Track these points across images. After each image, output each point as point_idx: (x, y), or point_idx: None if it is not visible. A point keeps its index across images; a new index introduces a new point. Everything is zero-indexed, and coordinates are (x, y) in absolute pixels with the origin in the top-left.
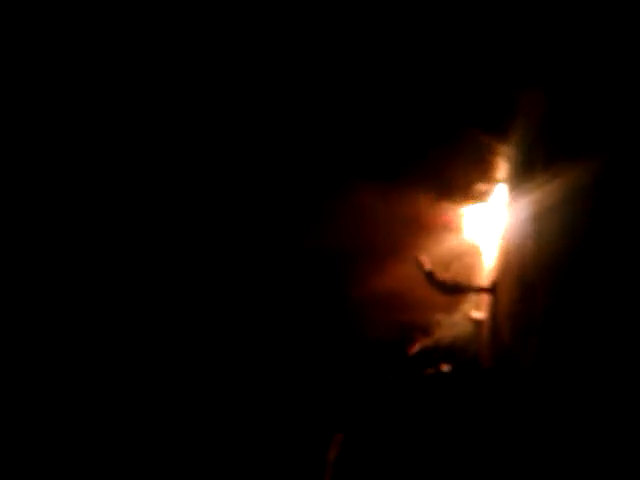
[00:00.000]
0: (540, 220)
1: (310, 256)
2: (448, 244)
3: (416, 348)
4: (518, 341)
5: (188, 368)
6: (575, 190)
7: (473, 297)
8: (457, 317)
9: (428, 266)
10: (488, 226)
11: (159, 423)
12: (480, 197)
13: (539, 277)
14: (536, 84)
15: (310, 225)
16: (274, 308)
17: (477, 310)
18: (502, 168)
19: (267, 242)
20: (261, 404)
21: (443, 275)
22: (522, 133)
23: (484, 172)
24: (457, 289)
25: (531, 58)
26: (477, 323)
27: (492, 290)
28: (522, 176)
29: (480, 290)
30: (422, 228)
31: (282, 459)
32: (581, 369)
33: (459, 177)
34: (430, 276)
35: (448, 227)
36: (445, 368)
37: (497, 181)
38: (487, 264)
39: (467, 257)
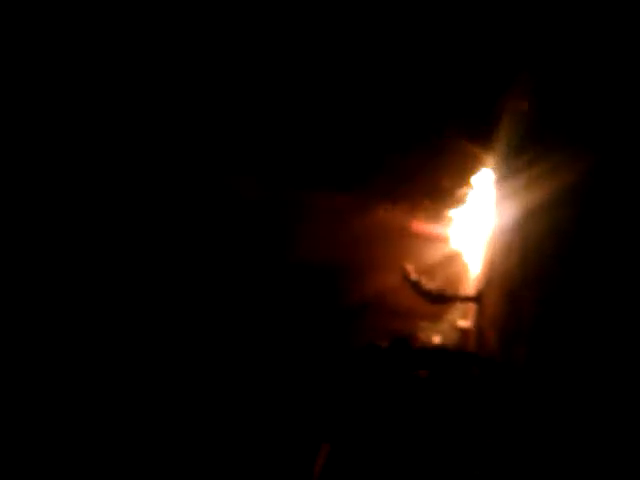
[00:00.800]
0: (524, 228)
1: (303, 270)
2: (434, 253)
3: (402, 356)
4: (505, 351)
5: (182, 377)
6: (559, 197)
7: (459, 306)
8: (443, 326)
9: (413, 275)
10: (473, 235)
11: (158, 423)
12: (465, 206)
13: (525, 286)
14: (520, 90)
15: (303, 241)
16: (269, 316)
17: (463, 319)
18: (487, 176)
19: (265, 257)
20: (253, 407)
21: (429, 284)
22: (506, 141)
23: (469, 181)
24: (443, 298)
25: (515, 65)
26: (463, 332)
27: (478, 299)
28: (506, 184)
29: (466, 299)
30: (408, 238)
31: (272, 463)
32: (572, 378)
33: (444, 186)
34: (416, 285)
35: (434, 236)
36: (423, 374)
37: (482, 189)
38: (473, 273)
39: (453, 266)
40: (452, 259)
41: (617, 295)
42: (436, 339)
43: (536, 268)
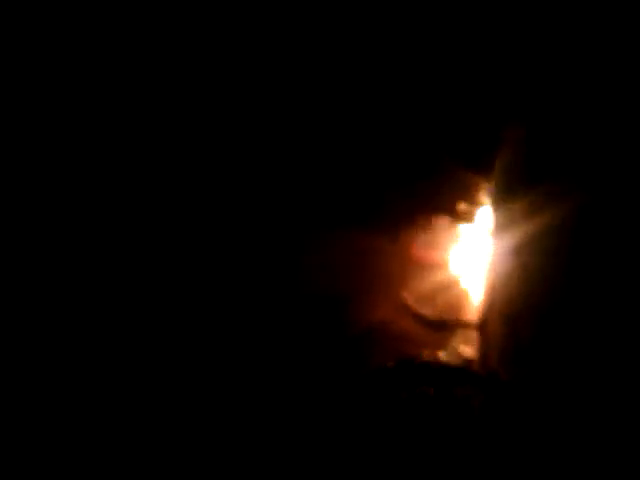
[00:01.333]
0: (522, 255)
1: (300, 299)
2: (434, 280)
3: (408, 375)
4: (505, 370)
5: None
6: (553, 227)
7: (462, 333)
8: (446, 354)
9: (413, 303)
10: (473, 261)
11: (158, 424)
12: (465, 233)
13: (524, 310)
14: (518, 120)
15: (301, 271)
16: (273, 341)
17: (466, 346)
18: (485, 204)
19: (261, 286)
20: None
21: (429, 311)
22: (504, 170)
23: (468, 208)
24: (444, 325)
25: (513, 96)
26: (466, 360)
27: (480, 325)
28: (504, 212)
29: (468, 325)
30: (408, 265)
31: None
32: (566, 394)
33: (443, 213)
34: (415, 313)
35: (434, 263)
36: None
37: (481, 216)
38: (474, 299)
39: (453, 292)
40: (453, 286)
41: (606, 316)
42: (442, 355)
43: (534, 293)
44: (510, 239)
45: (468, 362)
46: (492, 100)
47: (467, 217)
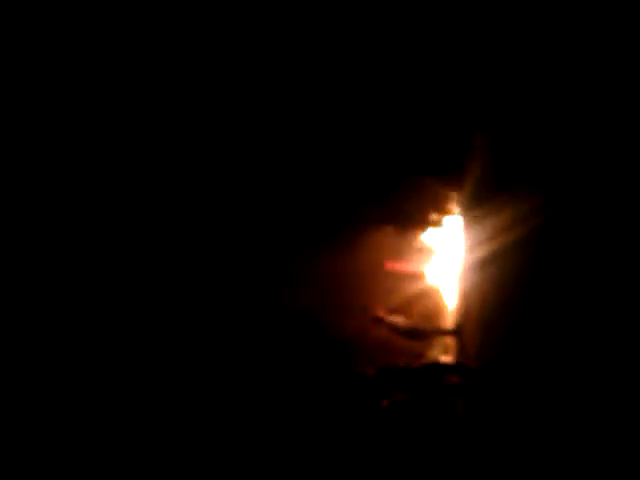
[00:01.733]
0: (494, 264)
1: (282, 312)
2: (409, 290)
3: (387, 402)
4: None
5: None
6: (523, 234)
7: (439, 342)
8: (425, 363)
9: (385, 315)
10: (447, 271)
11: (158, 423)
12: (438, 243)
13: (497, 314)
14: (486, 130)
15: (280, 286)
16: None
17: (444, 355)
18: (457, 213)
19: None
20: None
21: (405, 322)
22: (474, 178)
23: (440, 218)
24: (421, 334)
25: (480, 106)
26: (444, 365)
27: (456, 332)
28: (476, 223)
29: (445, 333)
30: (381, 277)
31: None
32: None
33: (415, 224)
34: (390, 325)
35: (407, 273)
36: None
37: (453, 227)
38: (449, 307)
39: (429, 302)
40: (428, 295)
41: (575, 317)
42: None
43: (506, 299)
44: (480, 248)
45: (446, 368)
46: (460, 111)
47: (438, 227)
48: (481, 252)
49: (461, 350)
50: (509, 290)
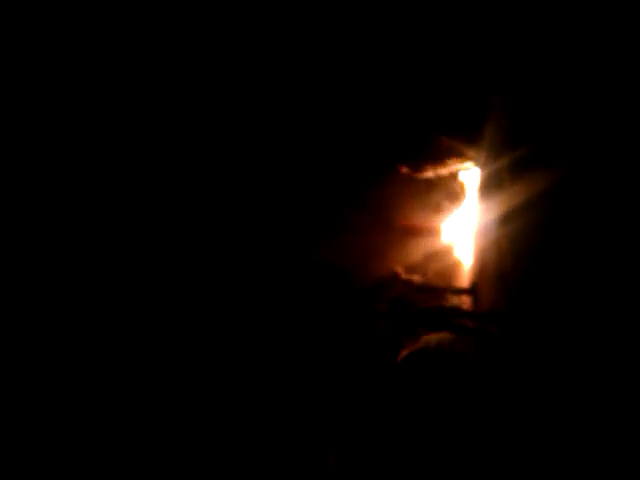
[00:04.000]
0: (510, 222)
1: (301, 267)
2: (425, 247)
3: (404, 353)
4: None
5: (187, 368)
6: (536, 197)
7: (455, 300)
8: (441, 304)
9: (404, 274)
10: (463, 228)
11: (159, 423)
12: (454, 201)
13: (513, 269)
14: (502, 93)
15: (303, 240)
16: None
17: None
18: (474, 174)
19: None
20: (255, 406)
21: (421, 279)
22: (491, 135)
23: (455, 177)
24: (437, 291)
25: (497, 70)
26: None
27: (472, 291)
28: (492, 182)
29: (460, 291)
30: (399, 234)
31: (277, 462)
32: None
33: (432, 184)
34: (408, 282)
35: (424, 231)
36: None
37: (470, 185)
38: (465, 266)
39: (444, 260)
40: (444, 253)
41: (580, 273)
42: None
43: (521, 254)
44: (497, 204)
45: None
46: (478, 70)
47: (455, 183)
48: (497, 209)
49: (476, 306)
50: (525, 246)
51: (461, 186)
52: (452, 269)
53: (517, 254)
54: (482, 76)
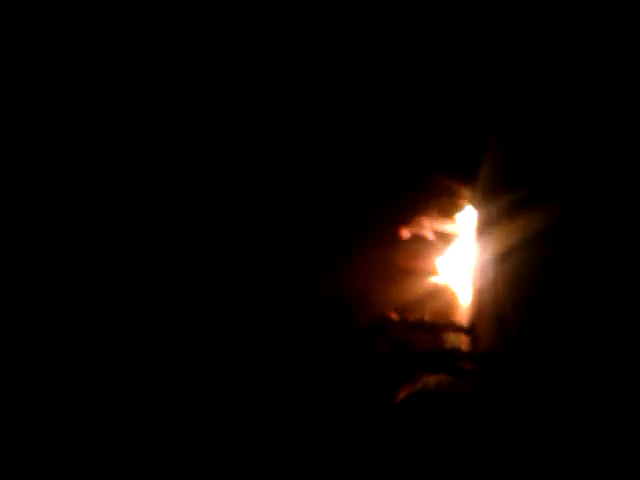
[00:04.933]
0: (508, 259)
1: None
2: (423, 288)
3: (403, 394)
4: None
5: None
6: (536, 230)
7: (453, 339)
8: (439, 348)
9: (399, 310)
10: (460, 268)
11: (159, 423)
12: (449, 238)
13: (511, 310)
14: (498, 131)
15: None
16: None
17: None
18: (469, 212)
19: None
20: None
21: (418, 316)
22: (487, 175)
23: (452, 216)
24: (434, 330)
25: (493, 109)
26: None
27: (470, 330)
28: (489, 222)
29: (459, 329)
30: (396, 273)
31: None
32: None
33: (429, 222)
34: (406, 322)
35: (422, 271)
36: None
37: (466, 225)
38: (463, 305)
39: (442, 299)
40: (441, 292)
41: (587, 315)
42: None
43: (519, 294)
44: (494, 244)
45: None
46: (474, 109)
47: (452, 223)
48: (495, 249)
49: (474, 346)
50: (523, 286)
51: (458, 225)
52: (449, 309)
53: (514, 295)
54: (479, 115)
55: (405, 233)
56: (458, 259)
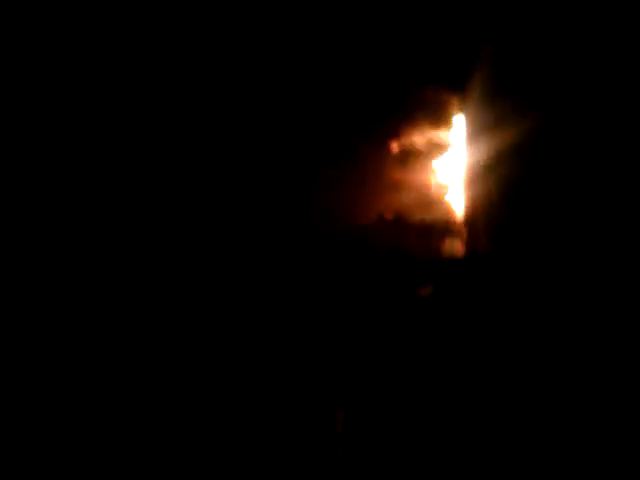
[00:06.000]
0: (499, 168)
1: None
2: (417, 198)
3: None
4: None
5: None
6: (525, 142)
7: (449, 244)
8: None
9: (396, 215)
10: (453, 176)
11: (159, 423)
12: (442, 149)
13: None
14: (490, 37)
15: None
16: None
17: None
18: (460, 121)
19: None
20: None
21: (416, 224)
22: (477, 89)
23: (443, 125)
24: (432, 235)
25: (485, 13)
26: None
27: (466, 235)
28: (480, 128)
29: (455, 235)
30: (389, 187)
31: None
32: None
33: (420, 133)
34: (402, 223)
35: (416, 182)
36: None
37: (456, 134)
38: (457, 213)
39: (436, 209)
40: (434, 202)
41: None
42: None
43: (511, 201)
44: (485, 152)
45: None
46: (466, 17)
47: (443, 132)
48: (486, 157)
49: (469, 252)
50: (515, 193)
51: (449, 135)
52: (444, 217)
53: (507, 201)
54: (470, 24)
55: (395, 145)
56: (450, 168)
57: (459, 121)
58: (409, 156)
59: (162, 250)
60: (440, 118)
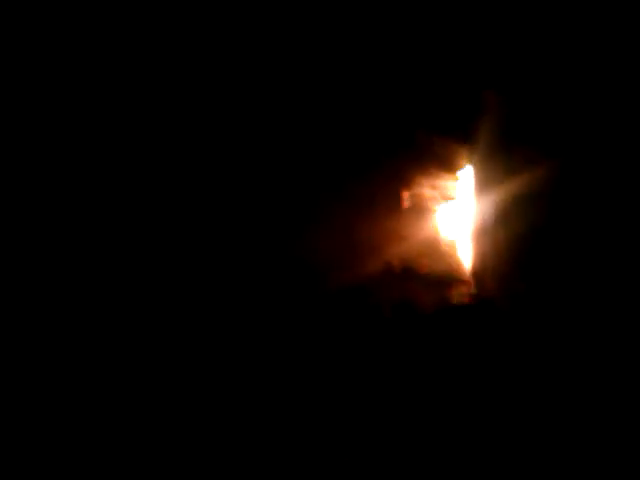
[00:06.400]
0: (509, 219)
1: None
2: (425, 248)
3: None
4: None
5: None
6: (533, 188)
7: (457, 293)
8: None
9: (406, 266)
10: (461, 227)
11: (160, 423)
12: (450, 199)
13: (514, 266)
14: (497, 87)
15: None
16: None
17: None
18: (468, 172)
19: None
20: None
21: (424, 273)
22: (485, 139)
23: (451, 176)
24: (440, 285)
25: (490, 65)
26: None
27: (474, 286)
28: (488, 179)
29: (463, 285)
30: (397, 233)
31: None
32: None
33: (428, 183)
34: (412, 273)
35: (424, 232)
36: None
37: (464, 184)
38: (465, 264)
39: (444, 259)
40: (442, 252)
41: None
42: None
43: (520, 253)
44: (494, 203)
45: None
46: (471, 70)
47: (451, 182)
48: (495, 208)
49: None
50: (524, 244)
51: (457, 185)
52: (451, 268)
53: (516, 253)
54: (475, 71)
55: (405, 195)
56: (459, 218)
57: (467, 172)
58: (417, 205)
59: (161, 260)
60: (448, 169)
